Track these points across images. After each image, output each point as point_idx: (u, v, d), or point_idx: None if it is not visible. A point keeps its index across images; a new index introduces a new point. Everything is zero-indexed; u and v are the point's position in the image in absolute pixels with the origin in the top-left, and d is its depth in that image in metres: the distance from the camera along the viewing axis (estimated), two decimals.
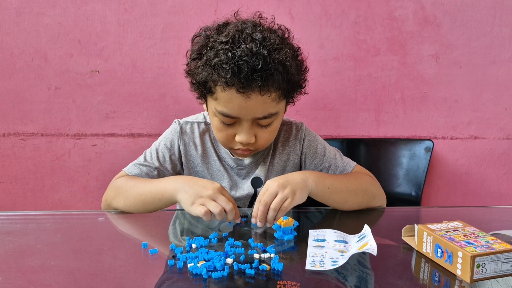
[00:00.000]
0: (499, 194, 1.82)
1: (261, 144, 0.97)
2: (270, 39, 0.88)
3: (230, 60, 0.85)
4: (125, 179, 1.02)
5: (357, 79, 1.71)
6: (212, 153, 1.09)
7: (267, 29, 0.93)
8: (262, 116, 0.91)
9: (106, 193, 1.03)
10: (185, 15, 1.62)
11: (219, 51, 0.88)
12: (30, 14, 1.60)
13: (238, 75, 0.85)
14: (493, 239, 0.70)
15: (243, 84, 0.86)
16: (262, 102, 0.89)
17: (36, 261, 0.72)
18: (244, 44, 0.86)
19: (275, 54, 0.87)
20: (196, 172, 1.10)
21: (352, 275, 0.69)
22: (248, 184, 1.08)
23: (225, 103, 0.90)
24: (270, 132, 0.97)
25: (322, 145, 1.12)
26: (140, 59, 1.64)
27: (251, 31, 0.89)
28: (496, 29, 1.69)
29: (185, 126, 1.10)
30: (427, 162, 1.66)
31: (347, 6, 1.66)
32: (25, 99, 1.66)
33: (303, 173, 0.94)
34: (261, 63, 0.85)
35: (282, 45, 0.90)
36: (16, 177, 1.72)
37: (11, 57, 1.62)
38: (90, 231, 0.91)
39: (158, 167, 1.06)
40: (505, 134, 1.77)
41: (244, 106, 0.89)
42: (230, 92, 0.88)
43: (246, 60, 0.85)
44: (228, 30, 0.90)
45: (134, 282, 0.67)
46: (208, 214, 0.82)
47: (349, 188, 0.98)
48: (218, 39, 0.89)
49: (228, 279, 0.67)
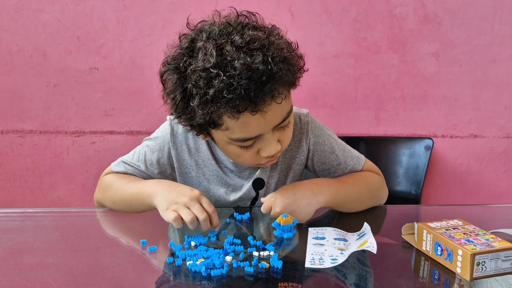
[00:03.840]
0: (499, 193, 1.82)
1: (285, 145, 0.88)
2: (254, 38, 0.75)
3: (230, 86, 0.72)
4: (112, 178, 0.99)
5: (357, 77, 1.71)
6: (208, 156, 0.98)
7: (238, 25, 0.79)
8: (281, 120, 0.82)
9: (96, 193, 1.01)
10: (184, 12, 1.61)
11: (210, 81, 0.73)
12: (29, 10, 1.59)
13: (248, 96, 0.73)
14: (493, 237, 0.70)
15: (256, 103, 0.74)
16: (277, 107, 0.79)
17: (34, 258, 0.72)
18: (237, 60, 0.72)
19: (270, 52, 0.75)
20: (190, 178, 1.00)
21: (352, 273, 0.69)
22: (250, 186, 1.00)
23: (240, 129, 0.78)
24: (290, 129, 0.88)
25: (330, 140, 1.01)
26: (139, 56, 1.64)
27: (225, 38, 0.75)
28: (496, 28, 1.69)
29: (177, 127, 0.97)
30: (427, 161, 1.66)
31: (347, 3, 1.65)
32: (24, 96, 1.65)
33: (313, 191, 0.87)
34: (264, 70, 0.73)
35: (269, 37, 0.78)
36: (15, 174, 1.71)
37: (9, 54, 1.62)
38: (88, 228, 0.90)
39: (143, 170, 0.99)
40: (505, 132, 1.77)
41: (264, 122, 0.78)
42: (244, 117, 0.76)
43: (248, 76, 0.72)
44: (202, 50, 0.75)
45: (133, 280, 0.67)
46: (179, 221, 0.77)
47: (358, 198, 0.96)
48: (198, 67, 0.74)
49: (227, 277, 0.67)
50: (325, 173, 1.03)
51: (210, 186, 1.00)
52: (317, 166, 1.02)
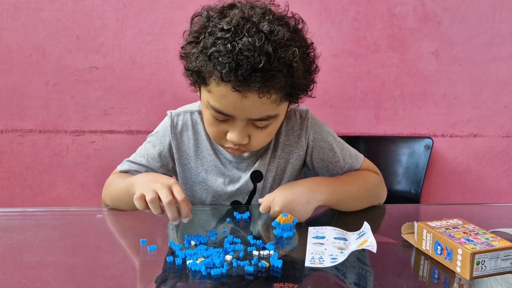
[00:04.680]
0: (498, 192, 1.82)
1: (254, 146, 0.89)
2: (278, 33, 0.78)
3: (228, 53, 0.76)
4: (113, 177, 1.01)
5: (357, 76, 1.71)
6: (206, 146, 1.00)
7: (278, 18, 0.82)
8: (258, 117, 0.83)
9: (103, 193, 1.03)
10: (184, 11, 1.61)
11: (218, 40, 0.78)
12: (29, 9, 1.59)
13: (235, 71, 0.76)
14: (492, 237, 0.70)
15: (240, 82, 0.76)
16: (260, 103, 0.80)
17: (34, 257, 0.72)
18: (247, 36, 0.76)
19: (281, 52, 0.77)
20: (189, 168, 1.02)
21: (352, 272, 0.69)
22: (248, 178, 1.00)
23: (218, 98, 0.82)
24: (266, 134, 0.89)
25: (329, 137, 1.02)
26: (139, 55, 1.64)
27: (258, 19, 0.79)
28: (496, 26, 1.69)
29: (177, 119, 1.01)
30: (427, 160, 1.66)
31: (347, 2, 1.65)
32: (23, 95, 1.65)
33: (312, 190, 0.88)
34: (263, 61, 0.75)
35: (291, 42, 0.80)
36: (14, 173, 1.71)
37: (9, 52, 1.62)
38: (88, 227, 0.90)
39: (145, 164, 1.01)
40: (505, 131, 1.77)
41: (239, 105, 0.80)
42: (225, 88, 0.79)
43: (246, 56, 0.75)
44: (232, 15, 0.80)
45: (133, 279, 0.67)
46: (141, 200, 0.78)
47: (357, 197, 0.96)
48: (219, 24, 0.79)
49: (227, 276, 0.67)
50: (323, 170, 1.03)
51: (208, 177, 1.01)
52: (316, 162, 1.03)
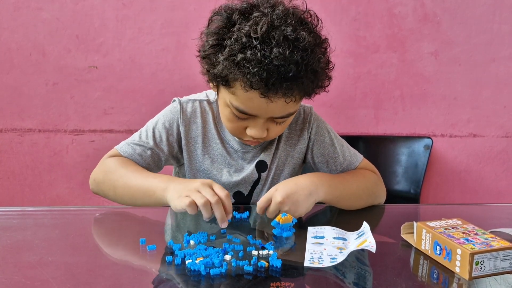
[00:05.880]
0: (498, 192, 1.82)
1: (271, 136, 0.94)
2: (304, 39, 0.79)
3: (258, 63, 0.77)
4: (116, 163, 0.96)
5: (356, 76, 1.71)
6: (214, 136, 1.02)
7: (298, 19, 0.83)
8: (280, 116, 0.88)
9: (95, 172, 0.99)
10: (184, 11, 1.61)
11: (246, 48, 0.78)
12: (28, 9, 1.59)
13: (266, 81, 0.78)
14: (492, 237, 0.70)
15: (269, 90, 0.79)
16: (284, 104, 0.84)
17: (33, 257, 0.72)
18: (276, 45, 0.77)
19: (308, 59, 0.80)
20: (195, 155, 1.02)
21: (351, 272, 0.69)
22: (253, 168, 1.02)
23: (244, 101, 0.84)
24: (283, 127, 0.93)
25: (330, 134, 1.06)
26: (138, 55, 1.64)
27: (281, 22, 0.79)
28: (495, 27, 1.69)
29: (186, 105, 1.02)
30: (426, 160, 1.66)
31: (346, 2, 1.65)
32: (23, 94, 1.65)
33: (314, 182, 0.89)
34: (293, 71, 0.78)
35: (315, 47, 0.82)
36: (14, 173, 1.71)
37: (8, 52, 1.62)
38: (87, 227, 0.90)
39: (152, 147, 0.99)
40: (504, 132, 1.77)
41: (265, 108, 0.84)
42: (253, 94, 0.81)
43: (276, 65, 0.77)
44: (256, 19, 0.79)
45: (132, 278, 0.67)
46: (193, 206, 0.77)
47: (356, 194, 0.97)
48: (244, 29, 0.79)
49: (227, 275, 0.67)
50: (323, 165, 1.06)
51: (213, 165, 1.03)
52: (317, 157, 1.06)
